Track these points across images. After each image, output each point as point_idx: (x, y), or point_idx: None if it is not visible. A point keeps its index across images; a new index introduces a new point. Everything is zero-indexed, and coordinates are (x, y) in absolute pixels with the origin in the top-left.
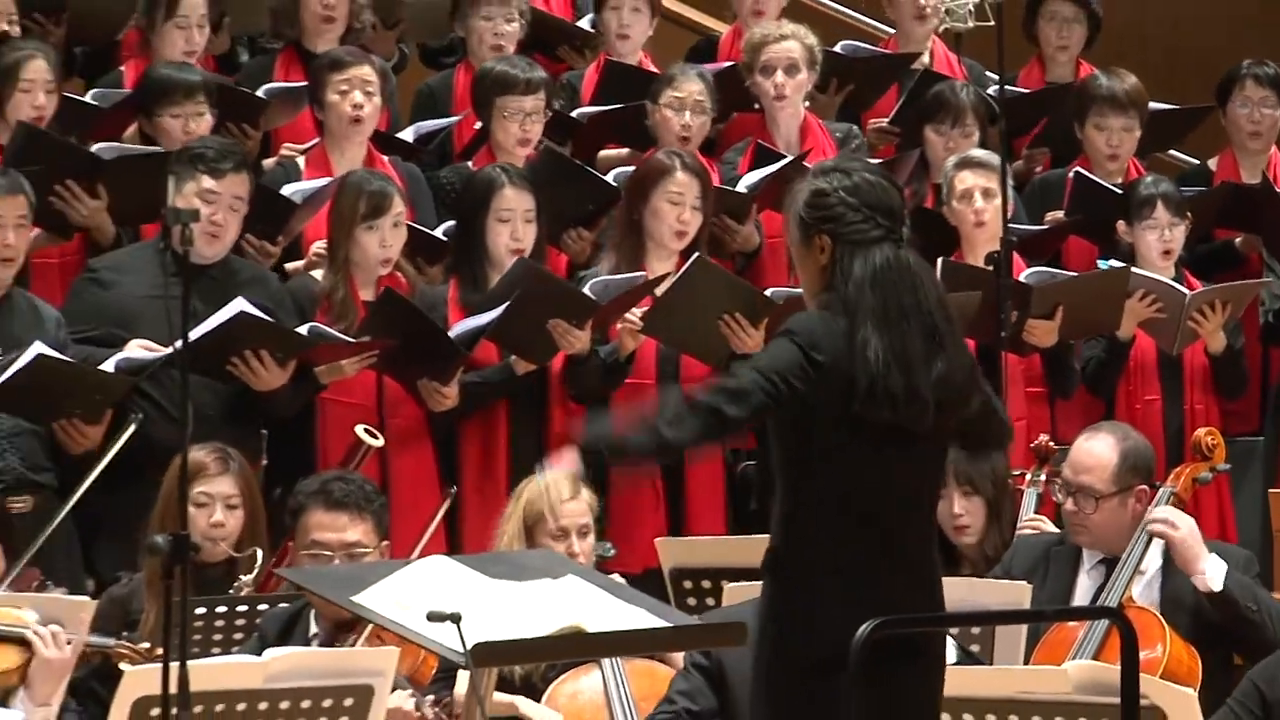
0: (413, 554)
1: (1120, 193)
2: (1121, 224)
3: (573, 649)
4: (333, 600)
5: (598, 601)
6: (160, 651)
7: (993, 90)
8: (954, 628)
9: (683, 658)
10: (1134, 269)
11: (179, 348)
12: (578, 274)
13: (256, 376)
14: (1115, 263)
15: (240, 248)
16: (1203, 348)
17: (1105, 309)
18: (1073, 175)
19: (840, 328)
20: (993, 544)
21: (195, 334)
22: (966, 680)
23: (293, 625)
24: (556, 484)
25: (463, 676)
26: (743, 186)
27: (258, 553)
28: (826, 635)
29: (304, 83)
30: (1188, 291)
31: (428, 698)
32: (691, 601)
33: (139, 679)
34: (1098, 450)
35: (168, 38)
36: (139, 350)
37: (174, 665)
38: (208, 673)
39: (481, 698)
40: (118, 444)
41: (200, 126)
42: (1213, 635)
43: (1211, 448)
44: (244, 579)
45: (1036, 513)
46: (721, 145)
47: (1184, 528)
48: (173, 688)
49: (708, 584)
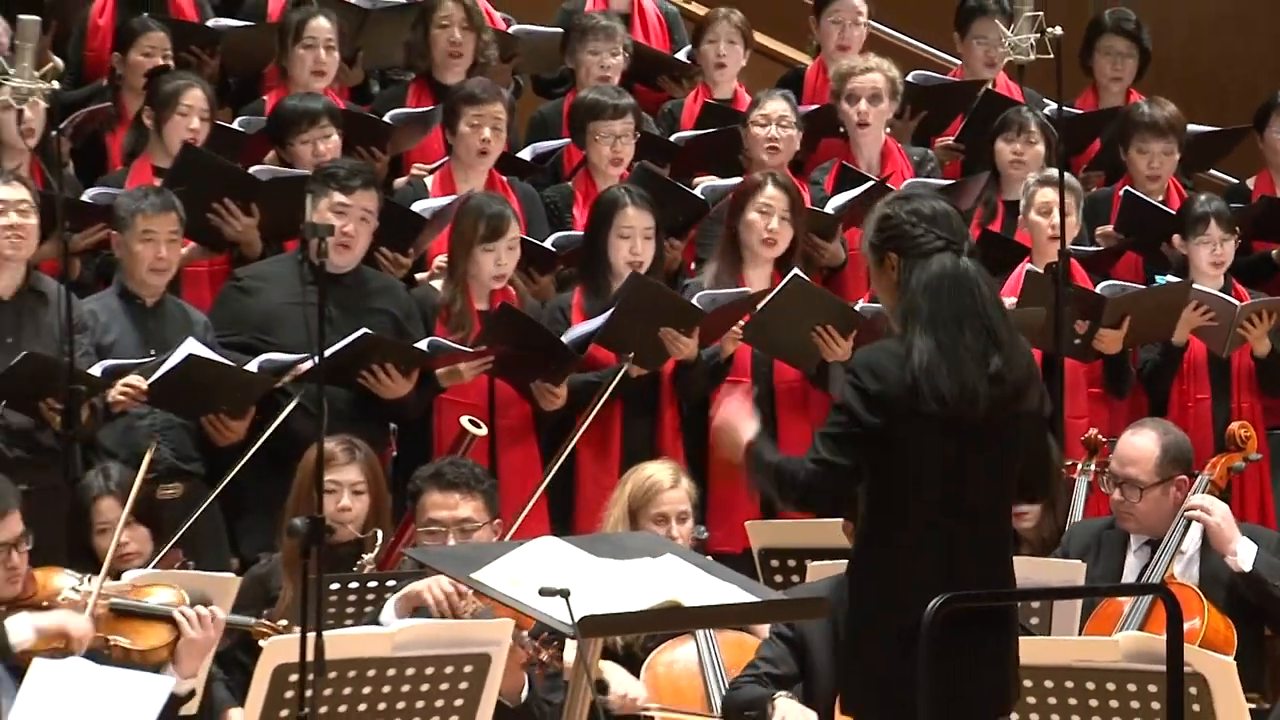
0: (512, 527)
1: (1166, 210)
2: (1176, 238)
3: (670, 621)
4: (454, 577)
5: (693, 578)
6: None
7: (1049, 110)
8: (1016, 602)
9: (768, 628)
10: (1175, 280)
11: (316, 353)
12: (679, 281)
13: (383, 386)
14: (1172, 278)
15: (375, 260)
16: (1249, 351)
17: (1165, 319)
18: (1122, 193)
19: (897, 345)
20: (1048, 529)
21: (329, 351)
22: (1026, 650)
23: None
24: (659, 474)
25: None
26: (830, 208)
27: (378, 534)
28: (909, 610)
29: (428, 108)
30: (1238, 302)
31: (532, 639)
32: (778, 579)
33: (279, 649)
34: (1141, 445)
35: (298, 60)
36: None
37: (310, 636)
38: (340, 642)
39: (588, 666)
40: (276, 422)
41: (328, 147)
42: (1247, 610)
43: (1244, 439)
44: (366, 558)
45: (1086, 499)
46: (809, 168)
47: (1218, 513)
48: (309, 656)
49: (793, 563)
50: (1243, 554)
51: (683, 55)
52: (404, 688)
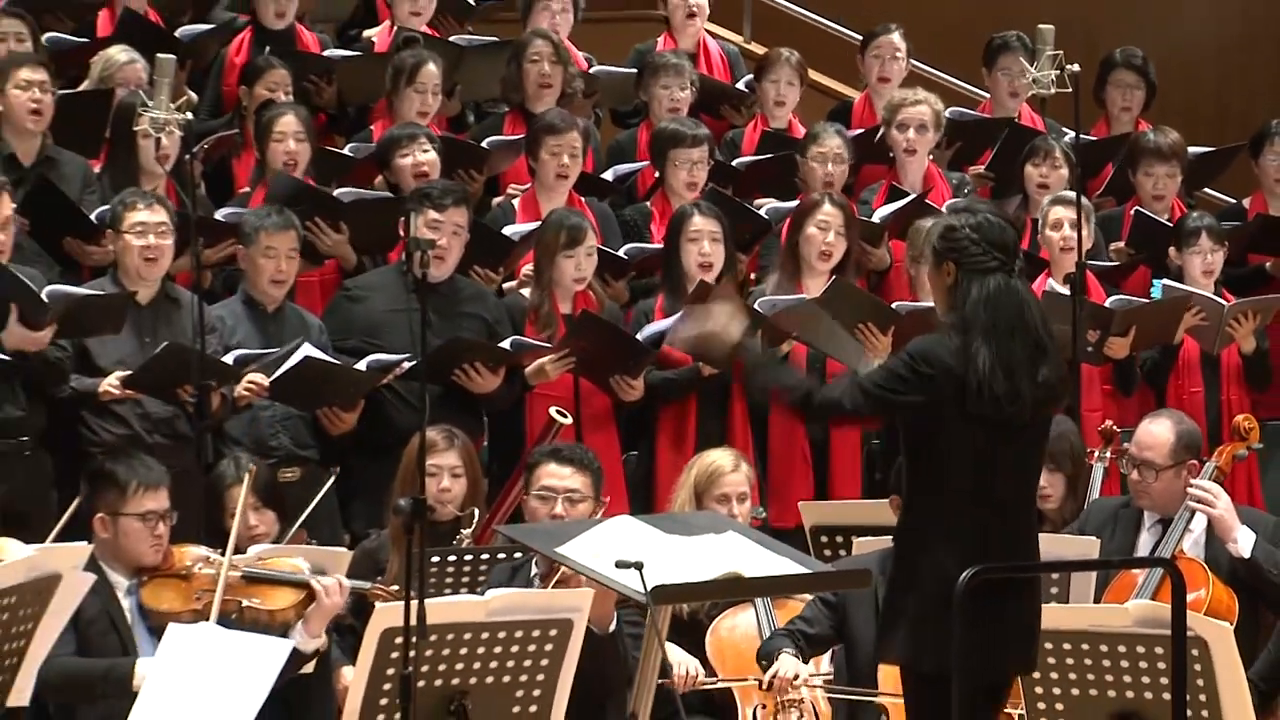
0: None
1: (1170, 226)
2: (1172, 250)
3: (731, 591)
4: (539, 550)
5: (752, 553)
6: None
7: (1068, 138)
8: (1039, 576)
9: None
10: (1179, 285)
11: (417, 353)
12: (745, 290)
13: (474, 383)
14: (1169, 282)
15: (470, 275)
16: (1237, 349)
17: (1165, 328)
18: (1133, 213)
19: (954, 343)
20: (1070, 509)
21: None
22: (1047, 616)
23: (514, 575)
24: (720, 459)
25: None
26: (876, 218)
27: (475, 512)
28: (946, 581)
29: (518, 136)
30: (1225, 302)
31: None
32: (827, 553)
33: (386, 614)
34: (1158, 432)
35: (406, 100)
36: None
37: (414, 603)
38: (440, 609)
39: (659, 630)
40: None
41: (426, 160)
42: (1246, 591)
43: (1248, 430)
44: (464, 533)
45: (1102, 483)
46: (857, 189)
47: (1221, 504)
48: (413, 621)
49: (840, 539)
50: (1243, 541)
51: (742, 84)
52: (495, 649)
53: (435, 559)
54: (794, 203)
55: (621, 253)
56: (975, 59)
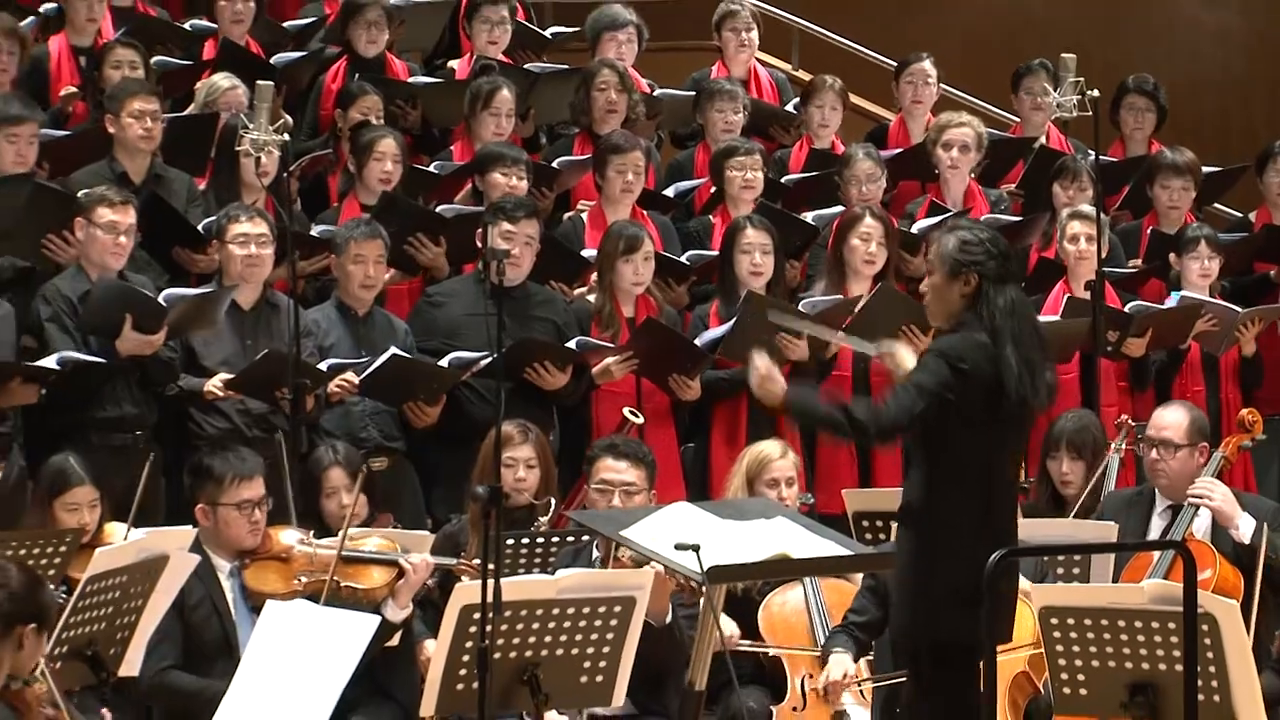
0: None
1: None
2: (1173, 255)
3: (781, 570)
4: (605, 535)
5: (799, 536)
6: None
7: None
8: (1061, 555)
9: (861, 577)
10: (1194, 295)
11: (494, 353)
12: (795, 295)
13: (544, 380)
14: (1186, 293)
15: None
16: (1236, 351)
17: (1178, 331)
18: (1149, 231)
19: (980, 341)
20: (1091, 495)
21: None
22: (1070, 594)
23: (577, 556)
24: (769, 448)
25: None
26: (915, 229)
27: (551, 501)
28: (958, 562)
29: (585, 156)
30: (1238, 309)
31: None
32: (868, 536)
33: (465, 591)
34: (1175, 415)
35: (483, 123)
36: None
37: (490, 582)
38: (515, 587)
39: (715, 606)
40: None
41: (519, 187)
42: (1249, 569)
43: (1252, 424)
44: (541, 520)
45: (1118, 473)
46: (897, 204)
47: (1219, 496)
48: (489, 598)
49: (880, 523)
50: (1244, 528)
51: (790, 106)
52: (565, 624)
53: (510, 542)
54: (837, 208)
55: (683, 259)
56: (1000, 84)
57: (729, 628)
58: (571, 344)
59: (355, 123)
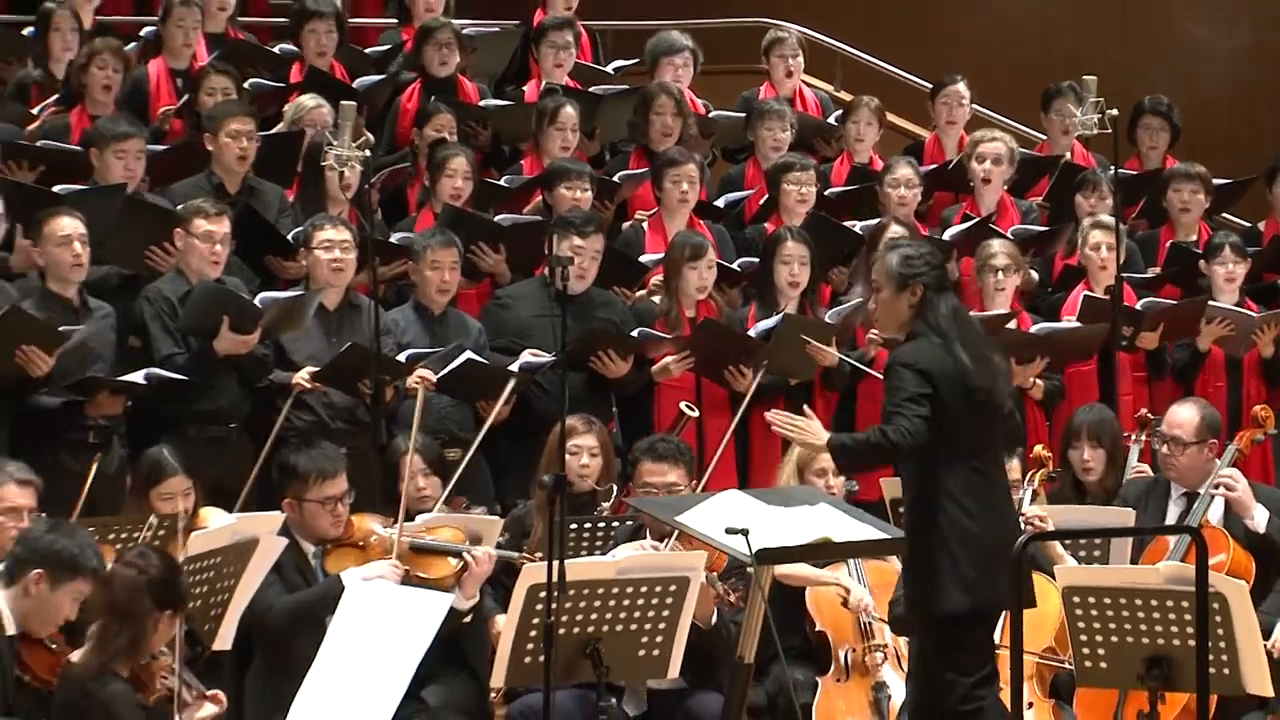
0: (704, 478)
1: (1197, 251)
2: (1202, 263)
3: (824, 553)
4: (662, 520)
5: (840, 521)
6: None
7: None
8: (1082, 539)
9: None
10: (1214, 302)
11: (559, 352)
12: (837, 299)
13: (607, 369)
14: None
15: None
16: (1257, 351)
17: (1187, 324)
18: (1168, 245)
19: (932, 342)
20: (1110, 483)
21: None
22: (1092, 575)
23: (635, 535)
24: None
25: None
26: (946, 236)
27: (613, 488)
28: (965, 545)
29: (643, 170)
30: (1253, 314)
31: (723, 582)
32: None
33: (532, 572)
34: (1186, 413)
35: (549, 138)
36: (530, 356)
37: (555, 563)
38: (578, 568)
39: (763, 586)
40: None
41: (583, 198)
42: (1260, 559)
43: (1264, 418)
44: (604, 505)
45: (1139, 462)
46: (932, 215)
47: (1240, 487)
48: (554, 578)
49: None
50: (1259, 518)
51: (832, 119)
52: (624, 602)
53: (573, 526)
54: (875, 220)
55: (735, 265)
56: (1030, 105)
57: (864, 596)
58: (634, 334)
59: (431, 140)
